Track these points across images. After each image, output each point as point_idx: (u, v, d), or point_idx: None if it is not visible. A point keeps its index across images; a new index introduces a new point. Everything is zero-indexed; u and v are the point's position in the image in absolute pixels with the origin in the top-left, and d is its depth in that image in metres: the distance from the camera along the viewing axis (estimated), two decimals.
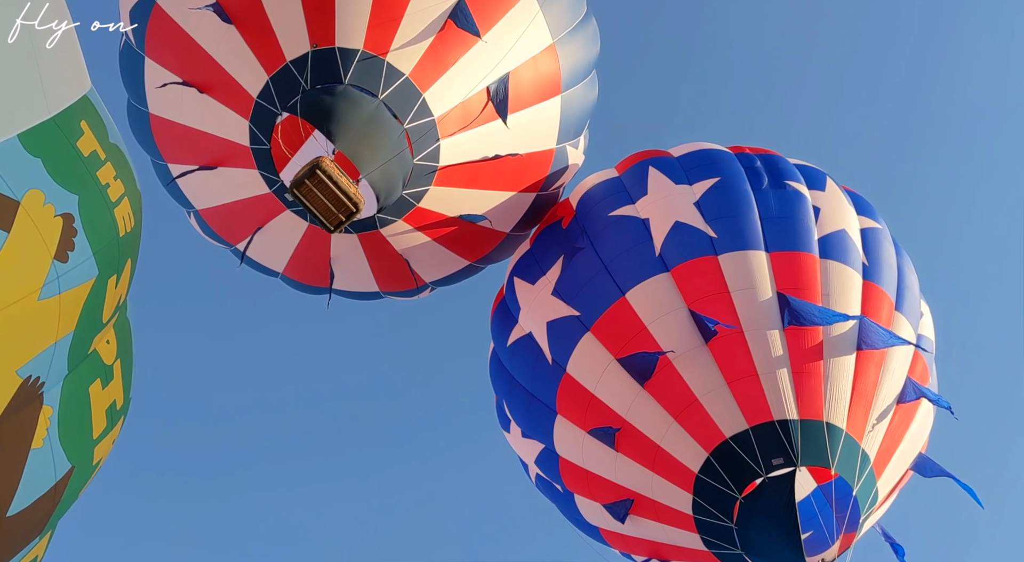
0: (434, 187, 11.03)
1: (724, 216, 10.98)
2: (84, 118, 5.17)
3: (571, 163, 12.68)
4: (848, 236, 11.07)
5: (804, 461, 9.54)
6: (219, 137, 10.77)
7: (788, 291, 10.34)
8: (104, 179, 5.17)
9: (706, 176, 11.51)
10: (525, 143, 11.57)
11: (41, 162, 4.62)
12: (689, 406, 10.00)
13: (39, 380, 4.70)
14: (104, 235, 5.09)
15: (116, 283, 5.33)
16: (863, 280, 10.78)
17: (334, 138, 9.91)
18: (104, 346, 5.52)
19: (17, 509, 4.81)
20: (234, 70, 10.35)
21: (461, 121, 10.77)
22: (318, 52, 10.10)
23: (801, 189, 11.41)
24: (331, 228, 10.26)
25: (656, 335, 10.34)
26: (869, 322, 10.29)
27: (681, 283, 10.54)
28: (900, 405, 10.38)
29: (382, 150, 10.16)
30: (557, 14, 11.41)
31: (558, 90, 11.62)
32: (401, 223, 11.36)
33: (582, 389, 10.74)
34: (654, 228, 11.07)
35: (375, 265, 12.14)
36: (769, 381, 9.87)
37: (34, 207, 4.49)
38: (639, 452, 10.31)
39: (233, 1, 10.16)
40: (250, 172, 10.88)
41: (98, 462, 5.72)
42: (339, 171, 9.83)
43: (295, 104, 10.13)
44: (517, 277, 12.08)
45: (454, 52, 10.51)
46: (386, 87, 10.18)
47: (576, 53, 11.80)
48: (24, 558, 5.38)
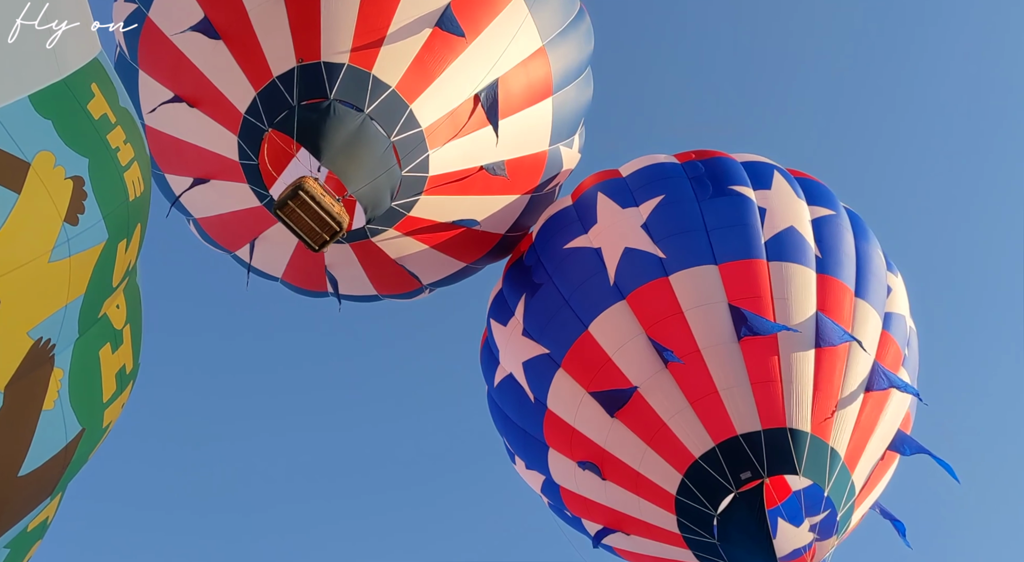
0: (425, 196, 11.05)
1: (671, 234, 11.16)
2: (95, 81, 5.08)
3: (565, 162, 12.69)
4: (797, 233, 11.12)
5: (772, 471, 9.81)
6: (210, 151, 10.87)
7: (740, 301, 10.51)
8: (114, 143, 5.10)
9: (652, 195, 11.68)
10: (517, 147, 11.59)
11: (52, 124, 4.57)
12: (659, 431, 10.34)
13: (50, 342, 4.71)
14: (114, 199, 5.03)
15: (126, 248, 5.30)
16: (817, 274, 10.85)
17: (320, 155, 9.95)
18: (114, 311, 5.48)
19: (28, 469, 4.85)
20: (223, 85, 10.44)
21: (450, 130, 10.75)
22: (304, 67, 10.14)
23: (745, 192, 11.49)
24: (315, 247, 10.31)
25: (620, 365, 10.67)
26: (825, 319, 10.42)
27: (637, 309, 10.81)
28: (869, 393, 10.49)
29: (368, 165, 10.18)
30: (547, 16, 11.35)
31: (549, 92, 11.62)
32: (392, 231, 11.39)
33: (564, 423, 11.17)
34: (606, 257, 11.32)
35: (371, 271, 12.25)
36: (729, 396, 10.12)
37: (44, 169, 4.45)
38: (623, 479, 10.73)
39: (221, 16, 10.27)
40: (241, 186, 11.01)
41: (108, 425, 5.74)
42: (323, 190, 9.87)
43: (282, 121, 10.18)
44: (492, 319, 12.51)
45: (441, 61, 10.52)
46: (372, 100, 10.19)
47: (568, 54, 11.74)
48: (35, 519, 5.44)
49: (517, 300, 12.02)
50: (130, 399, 6.16)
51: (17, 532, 5.24)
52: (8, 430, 4.56)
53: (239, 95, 10.40)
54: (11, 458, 4.67)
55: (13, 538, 5.24)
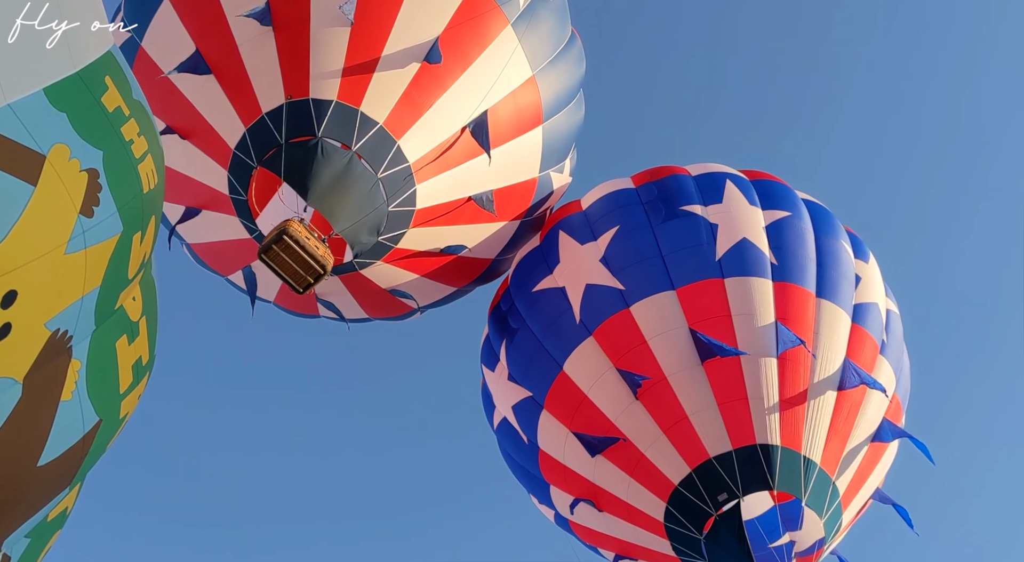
0: (412, 229, 11.02)
1: (629, 265, 11.37)
2: (108, 74, 5.09)
3: (556, 187, 12.72)
4: (750, 244, 11.20)
5: (747, 489, 10.00)
6: (201, 183, 10.92)
7: (700, 323, 10.68)
8: (128, 135, 5.12)
9: (608, 227, 11.90)
10: (506, 176, 11.62)
11: (66, 116, 4.59)
12: (639, 462, 10.61)
13: (67, 334, 4.74)
14: (128, 191, 5.05)
15: (141, 240, 5.33)
16: (774, 283, 10.92)
17: (306, 195, 9.94)
18: (130, 303, 5.50)
19: (47, 460, 4.91)
20: (213, 119, 10.48)
21: (439, 164, 10.72)
22: (293, 104, 10.14)
23: (696, 210, 11.61)
24: (300, 290, 10.24)
25: (596, 401, 10.97)
26: (783, 328, 10.47)
27: (604, 344, 11.07)
28: (843, 392, 10.55)
29: (355, 203, 10.18)
30: (538, 44, 11.26)
31: (539, 121, 11.60)
32: (380, 263, 11.39)
33: (556, 462, 11.56)
34: (570, 295, 11.59)
35: (361, 299, 12.28)
36: (699, 420, 10.32)
37: (60, 162, 4.46)
38: (617, 510, 11.04)
39: (212, 50, 10.34)
40: (232, 218, 11.05)
41: (124, 416, 5.77)
42: (307, 233, 9.82)
43: (271, 158, 10.20)
44: (484, 365, 12.94)
45: (430, 96, 10.49)
46: (360, 137, 10.16)
47: (558, 81, 11.71)
48: (55, 509, 5.51)
49: (499, 345, 12.43)
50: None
51: (37, 521, 5.36)
52: (27, 420, 4.63)
53: (229, 131, 10.47)
54: (30, 448, 4.76)
55: (33, 527, 5.37)
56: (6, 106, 4.13)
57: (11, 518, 4.90)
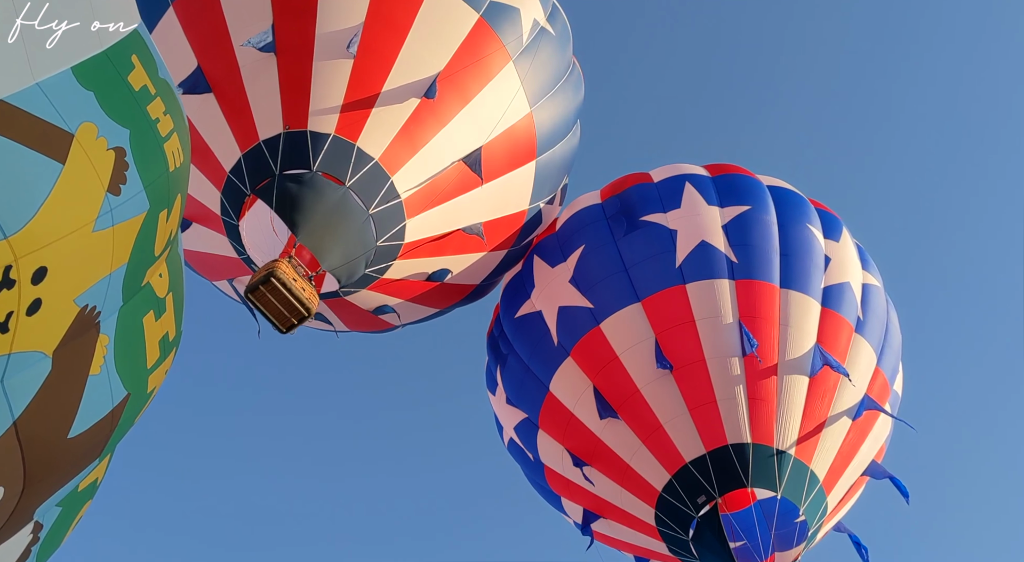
0: (399, 261, 11.00)
1: (596, 283, 11.76)
2: (135, 52, 5.11)
3: (544, 218, 12.92)
4: (708, 246, 11.46)
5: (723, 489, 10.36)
6: (195, 198, 10.72)
7: (665, 332, 11.01)
8: (154, 114, 5.14)
9: (576, 246, 12.28)
10: (496, 209, 11.79)
11: (94, 95, 4.62)
12: (625, 472, 11.08)
13: (95, 309, 4.78)
14: (155, 169, 5.07)
15: (167, 217, 5.37)
16: (735, 281, 11.18)
17: (297, 230, 9.84)
18: (157, 279, 5.55)
19: (77, 432, 4.99)
20: (211, 139, 10.34)
21: (429, 199, 10.65)
22: (290, 134, 10.01)
23: (655, 220, 11.90)
24: (283, 330, 10.18)
25: (580, 417, 11.44)
26: (743, 328, 10.85)
27: (581, 363, 11.50)
28: (814, 378, 10.75)
29: (344, 239, 10.07)
30: (537, 79, 11.26)
31: (533, 156, 11.62)
32: (365, 292, 11.39)
33: (559, 476, 12.11)
34: (547, 318, 12.06)
35: (345, 318, 12.36)
36: (673, 427, 10.69)
37: (87, 140, 4.49)
38: (617, 516, 11.58)
39: (215, 68, 10.23)
40: (222, 237, 11.00)
41: (152, 390, 5.81)
42: (294, 274, 9.72)
43: (263, 188, 10.06)
44: (489, 391, 13.47)
45: (427, 132, 10.40)
46: (354, 173, 10.03)
47: (556, 114, 11.78)
48: (85, 479, 5.61)
49: (496, 371, 12.95)
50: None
51: (68, 491, 5.47)
52: (57, 393, 4.71)
53: (226, 153, 10.34)
54: (61, 420, 4.86)
55: (64, 497, 5.48)
56: (35, 85, 4.23)
57: (43, 487, 5.05)
